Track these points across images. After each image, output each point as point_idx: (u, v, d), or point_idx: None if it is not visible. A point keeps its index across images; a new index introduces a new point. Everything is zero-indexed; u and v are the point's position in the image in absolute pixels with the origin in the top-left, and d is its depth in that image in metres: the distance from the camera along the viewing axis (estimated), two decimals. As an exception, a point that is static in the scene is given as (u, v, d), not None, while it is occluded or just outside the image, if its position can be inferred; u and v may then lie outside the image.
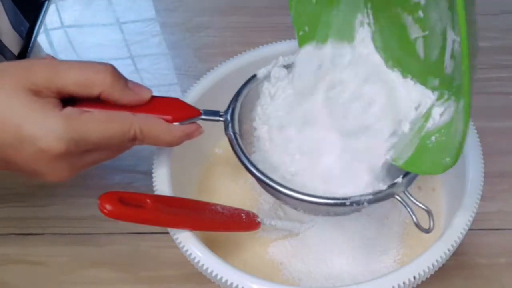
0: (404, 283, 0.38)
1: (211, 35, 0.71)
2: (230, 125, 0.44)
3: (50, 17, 0.75)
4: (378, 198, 0.41)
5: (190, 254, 0.41)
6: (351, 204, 0.40)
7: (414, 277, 0.39)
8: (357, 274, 0.46)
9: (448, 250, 0.40)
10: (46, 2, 0.76)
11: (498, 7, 0.71)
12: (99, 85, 0.40)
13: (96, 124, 0.39)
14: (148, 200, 0.40)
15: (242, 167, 0.43)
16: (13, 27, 0.67)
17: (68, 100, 0.40)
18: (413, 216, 0.39)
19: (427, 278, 0.40)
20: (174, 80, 0.68)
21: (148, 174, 0.46)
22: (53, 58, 0.43)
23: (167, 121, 0.42)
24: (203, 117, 0.44)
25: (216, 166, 0.54)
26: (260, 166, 0.43)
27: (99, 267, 0.51)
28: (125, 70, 0.42)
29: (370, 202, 0.40)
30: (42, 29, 0.73)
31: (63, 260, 0.52)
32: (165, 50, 0.71)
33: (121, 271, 0.51)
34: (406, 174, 0.41)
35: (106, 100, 0.41)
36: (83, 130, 0.39)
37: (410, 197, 0.40)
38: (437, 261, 0.39)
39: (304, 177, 0.43)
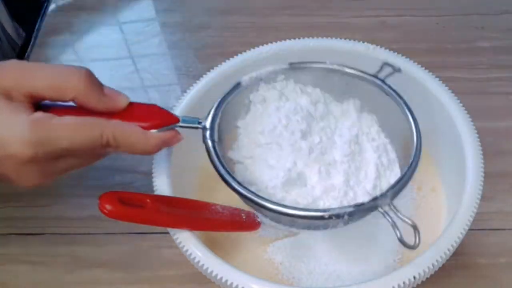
0: (404, 283, 0.38)
1: (211, 35, 0.71)
2: (208, 133, 0.43)
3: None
4: (360, 210, 0.39)
5: (190, 254, 0.41)
6: (330, 217, 0.38)
7: (414, 277, 0.39)
8: (357, 274, 0.46)
9: (448, 250, 0.40)
10: (46, 2, 0.76)
11: (498, 7, 0.71)
12: (71, 90, 0.39)
13: (65, 129, 0.38)
14: (148, 200, 0.40)
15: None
16: (12, 19, 0.67)
17: (42, 104, 0.39)
18: (397, 231, 0.37)
19: (427, 278, 0.40)
20: (174, 80, 0.68)
21: (148, 174, 0.46)
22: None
23: (144, 128, 0.41)
24: (181, 124, 0.43)
25: (216, 166, 0.54)
26: (240, 178, 0.42)
27: (99, 267, 0.51)
28: (125, 70, 0.42)
29: (352, 215, 0.39)
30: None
31: (63, 260, 0.52)
32: (165, 50, 0.70)
33: (121, 271, 0.51)
34: (391, 187, 0.40)
35: (80, 105, 0.40)
36: (51, 135, 0.37)
37: (395, 211, 0.38)
38: (437, 261, 0.39)
39: (288, 194, 0.42)
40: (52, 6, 0.76)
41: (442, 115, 0.48)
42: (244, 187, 0.40)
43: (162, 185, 0.44)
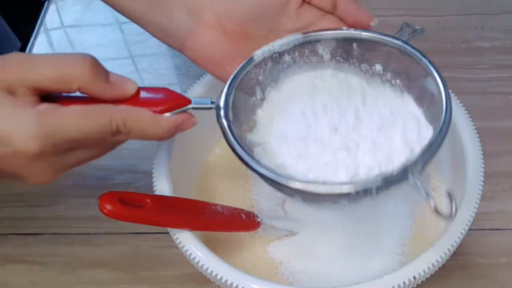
0: (404, 283, 0.38)
1: (211, 35, 0.71)
2: (222, 112, 0.40)
3: (50, 17, 0.75)
4: (389, 182, 0.36)
5: (190, 254, 0.41)
6: (357, 193, 0.36)
7: (414, 277, 0.39)
8: (357, 274, 0.46)
9: (448, 250, 0.40)
10: (46, 2, 0.76)
11: (498, 7, 0.71)
12: (76, 80, 0.37)
13: (72, 119, 0.36)
14: (148, 200, 0.40)
15: (243, 166, 0.40)
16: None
17: (48, 96, 0.38)
18: (431, 200, 0.35)
19: (427, 278, 0.40)
20: (174, 80, 0.68)
21: (148, 174, 0.46)
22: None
23: (155, 112, 0.39)
24: (193, 105, 0.41)
25: (216, 166, 0.54)
26: (259, 157, 0.40)
27: (99, 267, 0.51)
28: (125, 70, 0.42)
29: (380, 188, 0.36)
30: (42, 29, 0.73)
31: (63, 260, 0.52)
32: (165, 50, 0.70)
33: (121, 271, 0.51)
34: (421, 154, 0.37)
35: (86, 95, 0.38)
36: (58, 127, 0.36)
37: (427, 180, 0.36)
38: (437, 261, 0.39)
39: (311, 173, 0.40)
40: (52, 5, 0.76)
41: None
42: (265, 167, 0.38)
43: (162, 185, 0.44)
